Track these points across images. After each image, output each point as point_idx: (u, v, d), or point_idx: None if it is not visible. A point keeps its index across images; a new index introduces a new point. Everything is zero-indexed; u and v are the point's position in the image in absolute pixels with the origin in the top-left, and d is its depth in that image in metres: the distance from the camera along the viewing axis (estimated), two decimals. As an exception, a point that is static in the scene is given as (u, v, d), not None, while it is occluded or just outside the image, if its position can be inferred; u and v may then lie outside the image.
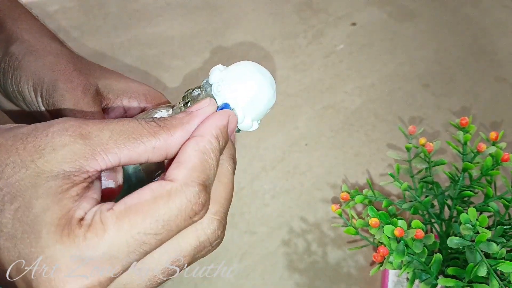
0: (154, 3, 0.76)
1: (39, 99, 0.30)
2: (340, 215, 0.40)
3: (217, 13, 0.75)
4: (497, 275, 0.32)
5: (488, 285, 0.32)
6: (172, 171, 0.22)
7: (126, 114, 0.33)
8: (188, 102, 0.29)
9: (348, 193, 0.41)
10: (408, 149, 0.42)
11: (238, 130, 0.29)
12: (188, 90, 0.29)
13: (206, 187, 0.23)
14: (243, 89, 0.27)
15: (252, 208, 0.55)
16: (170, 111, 0.29)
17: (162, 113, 0.29)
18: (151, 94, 0.33)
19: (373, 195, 0.41)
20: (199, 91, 0.28)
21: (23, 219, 0.19)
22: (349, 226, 0.39)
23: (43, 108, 0.31)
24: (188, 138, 0.24)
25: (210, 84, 0.28)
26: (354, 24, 0.74)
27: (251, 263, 0.51)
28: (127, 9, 0.75)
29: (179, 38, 0.71)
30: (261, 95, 0.27)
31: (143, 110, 0.33)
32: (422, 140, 0.41)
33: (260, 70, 0.28)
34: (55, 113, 0.30)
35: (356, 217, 0.40)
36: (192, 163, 0.23)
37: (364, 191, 0.41)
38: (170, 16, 0.74)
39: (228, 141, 0.26)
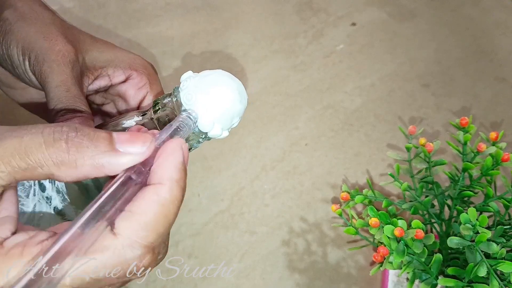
0: (154, 3, 0.76)
1: (27, 64, 0.30)
2: (340, 215, 0.40)
3: (217, 13, 0.75)
4: (497, 275, 0.32)
5: (488, 285, 0.32)
6: (121, 223, 0.20)
7: (112, 82, 0.33)
8: (158, 110, 0.28)
9: (348, 193, 0.41)
10: (408, 149, 0.42)
11: (208, 138, 0.28)
12: (158, 97, 0.29)
13: (154, 249, 0.21)
14: (212, 97, 0.26)
15: (252, 208, 0.55)
16: (140, 118, 0.29)
17: (131, 122, 0.29)
18: (137, 62, 0.33)
19: (373, 195, 0.41)
20: (170, 98, 0.28)
21: None
22: (349, 226, 0.39)
23: (29, 73, 0.30)
24: (147, 185, 0.22)
25: (179, 91, 0.27)
26: (354, 24, 0.74)
27: (251, 263, 0.51)
28: (127, 9, 0.75)
29: (179, 38, 0.71)
30: (229, 103, 0.27)
31: (127, 77, 0.33)
32: (422, 140, 0.41)
33: (230, 78, 0.28)
34: (41, 82, 0.30)
35: (356, 217, 0.40)
36: (146, 219, 0.20)
37: (364, 191, 0.41)
38: (170, 16, 0.74)
39: (186, 176, 0.23)
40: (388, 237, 0.34)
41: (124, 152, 0.21)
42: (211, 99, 0.26)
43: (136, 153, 0.22)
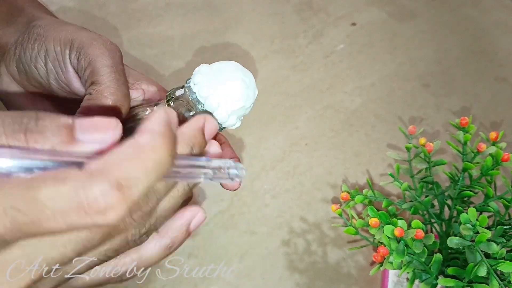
0: (154, 3, 0.76)
1: (67, 52, 0.30)
2: (340, 215, 0.40)
3: (217, 13, 0.75)
4: (497, 275, 0.32)
5: (488, 285, 0.32)
6: (89, 163, 0.18)
7: (145, 96, 0.34)
8: (170, 102, 0.30)
9: (348, 193, 0.41)
10: (408, 149, 0.42)
11: (222, 128, 0.30)
12: (172, 89, 0.30)
13: (121, 187, 0.18)
14: (224, 88, 0.28)
15: (252, 208, 0.55)
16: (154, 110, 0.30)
17: (145, 114, 0.30)
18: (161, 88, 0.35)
19: (373, 195, 0.41)
20: (183, 91, 0.29)
21: None
22: (349, 226, 0.39)
23: (67, 62, 0.30)
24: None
25: (193, 83, 0.29)
26: (354, 24, 0.74)
27: (251, 263, 0.51)
28: (127, 9, 0.75)
29: (179, 38, 0.71)
30: (241, 93, 0.29)
31: (160, 99, 0.34)
32: (422, 140, 0.41)
33: (240, 69, 0.30)
34: (88, 65, 0.30)
35: (356, 217, 0.40)
36: (114, 157, 0.18)
37: (364, 191, 0.41)
38: (170, 16, 0.74)
39: (175, 137, 0.21)
40: (388, 237, 0.34)
41: (84, 141, 0.20)
42: (223, 91, 0.28)
43: (95, 141, 0.20)
